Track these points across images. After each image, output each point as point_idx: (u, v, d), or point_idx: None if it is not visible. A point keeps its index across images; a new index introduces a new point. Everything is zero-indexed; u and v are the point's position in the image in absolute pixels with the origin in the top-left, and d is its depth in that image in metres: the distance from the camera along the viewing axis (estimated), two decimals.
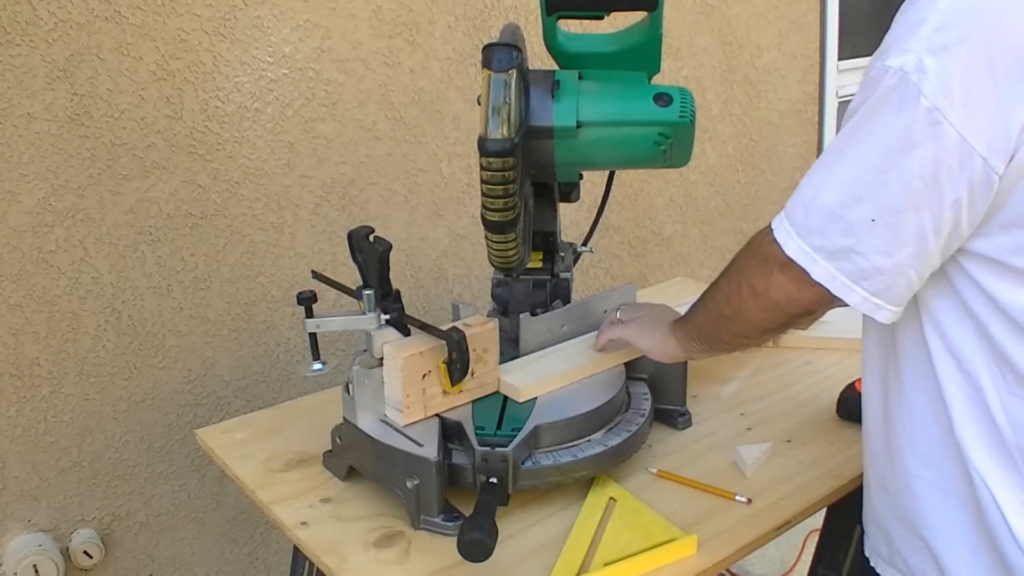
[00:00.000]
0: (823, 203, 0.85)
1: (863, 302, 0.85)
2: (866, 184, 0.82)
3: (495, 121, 1.00)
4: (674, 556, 1.00)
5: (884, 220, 0.81)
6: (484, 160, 1.01)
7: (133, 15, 1.47)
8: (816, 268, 0.86)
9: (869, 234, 0.82)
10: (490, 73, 1.01)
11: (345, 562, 1.01)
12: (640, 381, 1.27)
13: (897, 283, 0.84)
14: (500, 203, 1.04)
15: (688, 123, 1.15)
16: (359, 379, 1.12)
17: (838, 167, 0.84)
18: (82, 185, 1.47)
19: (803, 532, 2.19)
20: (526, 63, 1.10)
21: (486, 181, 1.03)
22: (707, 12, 2.42)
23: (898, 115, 0.78)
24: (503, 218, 1.06)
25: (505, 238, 1.10)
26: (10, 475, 1.49)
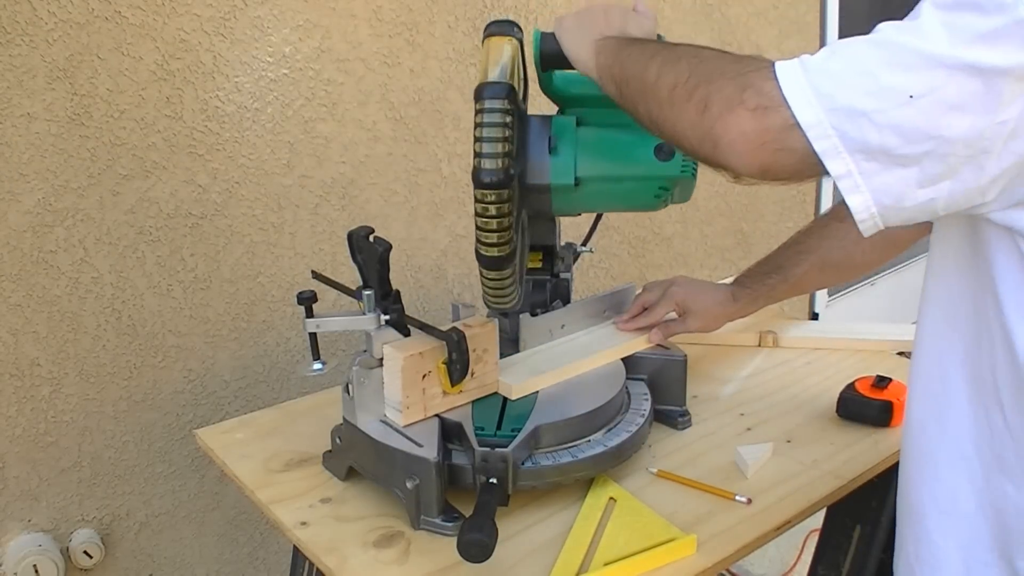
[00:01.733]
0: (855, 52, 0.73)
1: (846, 176, 0.73)
2: (919, 56, 0.70)
3: (489, 151, 0.96)
4: (674, 556, 1.00)
5: (924, 103, 0.69)
6: (478, 192, 0.98)
7: (133, 15, 1.47)
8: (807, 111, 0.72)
9: (898, 108, 0.70)
10: (483, 103, 0.97)
11: (345, 562, 1.01)
12: (640, 381, 1.27)
13: (892, 180, 0.73)
14: (495, 237, 1.00)
15: (689, 176, 1.12)
16: (359, 379, 1.12)
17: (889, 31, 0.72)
18: (82, 185, 1.47)
19: (803, 532, 2.19)
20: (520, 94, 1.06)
21: (480, 214, 0.99)
22: (707, 12, 2.42)
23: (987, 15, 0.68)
24: (500, 253, 1.02)
25: (500, 275, 1.06)
26: (10, 475, 1.49)
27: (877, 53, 0.72)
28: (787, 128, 0.73)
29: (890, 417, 1.26)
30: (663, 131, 0.87)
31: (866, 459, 1.20)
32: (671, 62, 0.86)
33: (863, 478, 1.18)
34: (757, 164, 0.76)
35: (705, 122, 0.78)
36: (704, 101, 0.78)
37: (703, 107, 0.78)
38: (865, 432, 1.26)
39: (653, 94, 0.86)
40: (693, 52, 0.85)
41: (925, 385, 0.93)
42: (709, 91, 0.78)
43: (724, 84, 0.78)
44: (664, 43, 0.94)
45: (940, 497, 0.91)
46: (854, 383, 1.32)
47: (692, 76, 0.81)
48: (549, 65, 1.11)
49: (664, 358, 1.30)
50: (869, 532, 1.32)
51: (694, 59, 0.84)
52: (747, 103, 0.75)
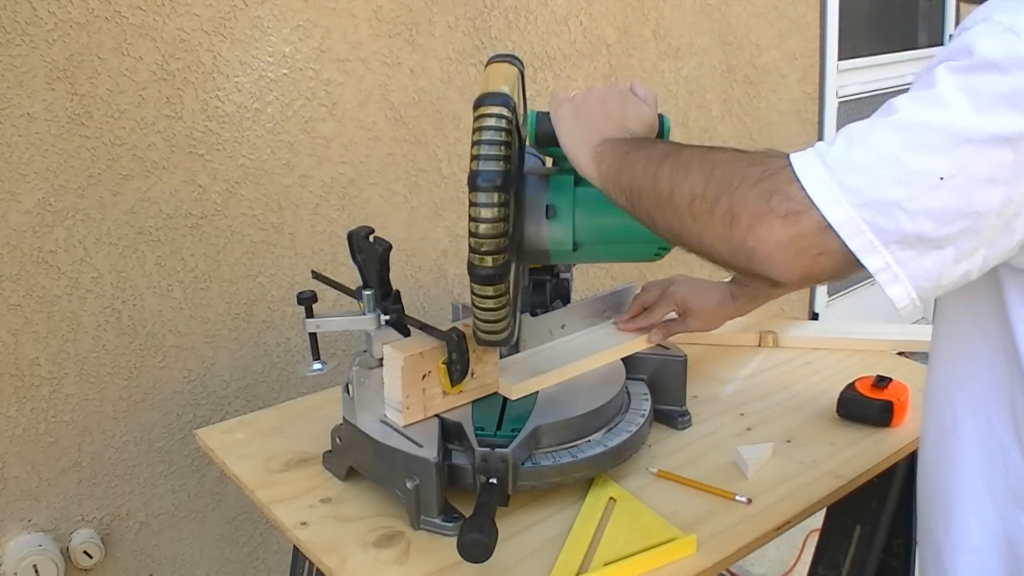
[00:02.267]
0: (877, 139, 0.70)
1: (884, 269, 0.71)
2: (945, 134, 0.68)
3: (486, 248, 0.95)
4: (674, 556, 1.00)
5: (955, 182, 0.68)
6: (475, 286, 0.97)
7: (133, 15, 1.47)
8: (837, 211, 0.70)
9: (929, 192, 0.68)
10: (478, 194, 0.95)
11: (345, 562, 1.01)
12: (640, 381, 1.27)
13: (930, 263, 0.71)
14: (494, 326, 1.02)
15: None
16: (359, 379, 1.12)
17: (908, 109, 0.70)
18: (82, 185, 1.47)
19: (803, 532, 2.19)
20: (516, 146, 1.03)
21: (477, 305, 0.99)
22: (707, 12, 2.42)
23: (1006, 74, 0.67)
24: (495, 339, 1.04)
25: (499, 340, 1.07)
26: (10, 475, 1.49)
27: (900, 137, 0.70)
28: (821, 231, 0.71)
29: (890, 417, 1.26)
30: (689, 244, 0.83)
31: (866, 459, 1.20)
32: (682, 171, 0.82)
33: (863, 478, 1.17)
34: (798, 272, 0.73)
35: (736, 235, 0.75)
36: (730, 213, 0.75)
37: (730, 220, 0.75)
38: (865, 432, 1.26)
39: (671, 208, 0.82)
40: (703, 156, 0.82)
41: (938, 422, 0.92)
42: (733, 202, 0.75)
43: (747, 192, 0.74)
44: (668, 146, 0.89)
45: (953, 531, 0.91)
46: (854, 383, 1.32)
47: (709, 186, 0.78)
48: (544, 144, 1.07)
49: (664, 358, 1.30)
50: (869, 532, 1.32)
51: (707, 165, 0.80)
52: (776, 210, 0.72)
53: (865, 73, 3.04)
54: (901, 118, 0.70)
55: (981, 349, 0.85)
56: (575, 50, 2.12)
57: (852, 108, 3.00)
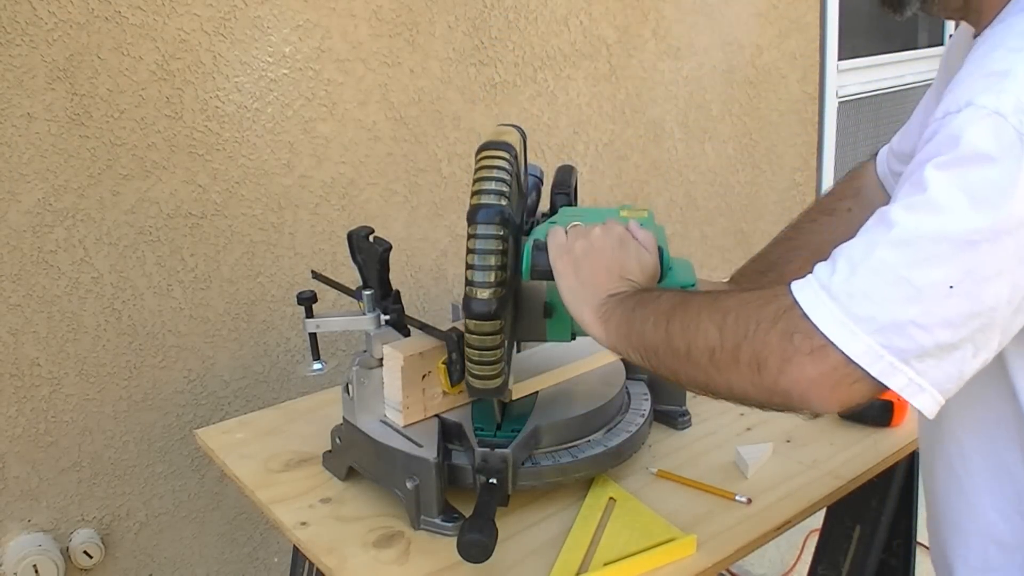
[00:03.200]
0: (880, 261, 0.70)
1: (907, 385, 0.70)
2: (950, 243, 0.67)
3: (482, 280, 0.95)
4: (674, 556, 1.00)
5: (965, 287, 0.67)
6: (470, 322, 0.96)
7: (133, 15, 1.47)
8: (853, 343, 0.70)
9: (941, 303, 0.68)
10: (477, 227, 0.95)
11: (345, 562, 1.01)
12: (640, 381, 1.27)
13: (950, 366, 0.70)
14: (487, 370, 0.99)
15: None
16: (359, 379, 1.12)
17: (905, 221, 0.69)
18: (82, 185, 1.47)
19: (803, 532, 2.19)
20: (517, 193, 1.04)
21: (472, 345, 0.97)
22: (707, 12, 2.42)
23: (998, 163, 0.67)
24: (487, 385, 1.00)
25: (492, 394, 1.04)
26: (10, 475, 1.49)
27: (902, 254, 0.69)
28: (848, 363, 0.71)
29: (890, 417, 1.26)
30: (719, 394, 0.81)
31: (866, 459, 1.20)
32: (693, 325, 0.81)
33: (863, 478, 1.17)
34: (837, 403, 0.73)
35: (767, 380, 0.74)
36: (755, 360, 0.75)
37: (757, 366, 0.75)
38: (865, 432, 1.26)
39: (691, 364, 0.81)
40: (711, 306, 0.81)
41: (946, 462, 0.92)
42: (755, 348, 0.75)
43: (767, 337, 0.74)
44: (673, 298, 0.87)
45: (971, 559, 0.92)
46: None
47: (725, 336, 0.77)
48: (538, 278, 1.04)
49: None
50: (869, 532, 1.32)
51: (717, 315, 0.79)
52: (801, 349, 0.72)
53: (865, 73, 3.04)
54: (900, 233, 0.69)
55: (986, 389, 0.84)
56: (575, 50, 2.12)
57: (852, 108, 3.00)
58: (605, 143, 2.25)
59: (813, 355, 0.71)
